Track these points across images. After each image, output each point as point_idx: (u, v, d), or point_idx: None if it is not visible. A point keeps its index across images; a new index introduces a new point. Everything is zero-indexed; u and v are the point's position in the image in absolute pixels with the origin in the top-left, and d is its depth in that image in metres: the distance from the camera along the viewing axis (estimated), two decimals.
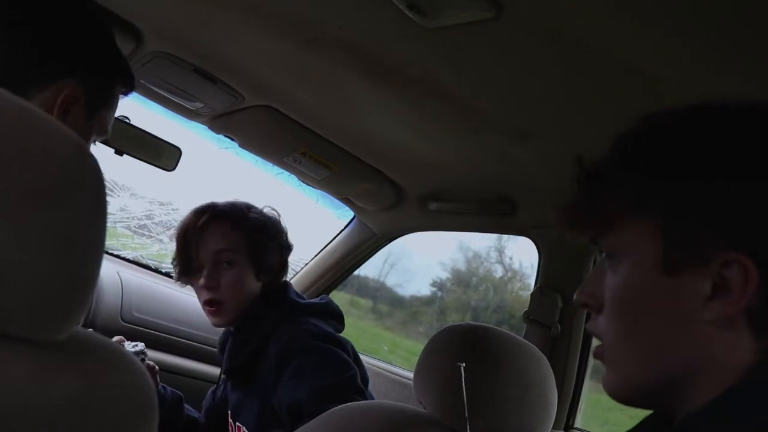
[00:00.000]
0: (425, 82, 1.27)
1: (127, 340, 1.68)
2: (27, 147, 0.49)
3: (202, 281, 1.59)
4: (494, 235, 4.02)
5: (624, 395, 0.69)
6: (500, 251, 4.20)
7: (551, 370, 1.23)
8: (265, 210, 1.72)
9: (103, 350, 0.58)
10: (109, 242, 2.48)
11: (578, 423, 1.94)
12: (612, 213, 0.68)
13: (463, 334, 1.15)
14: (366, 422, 1.05)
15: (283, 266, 1.72)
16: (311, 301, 1.68)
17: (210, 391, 1.84)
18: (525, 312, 1.88)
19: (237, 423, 1.59)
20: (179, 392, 1.76)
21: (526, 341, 1.25)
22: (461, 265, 4.76)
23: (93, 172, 0.53)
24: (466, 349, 1.12)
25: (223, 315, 1.61)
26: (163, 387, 1.71)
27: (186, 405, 1.77)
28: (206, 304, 1.61)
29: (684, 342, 0.62)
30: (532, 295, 1.88)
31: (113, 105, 1.11)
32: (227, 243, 1.61)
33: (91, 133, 1.05)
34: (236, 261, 1.61)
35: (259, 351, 1.55)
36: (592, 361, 1.92)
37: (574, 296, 0.74)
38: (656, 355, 0.64)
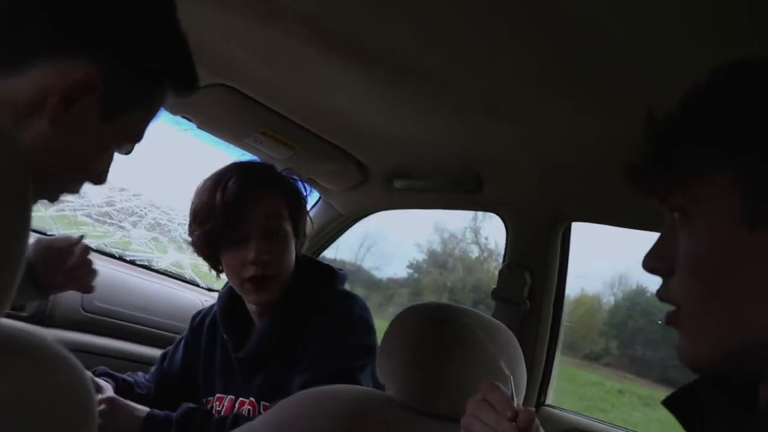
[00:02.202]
0: (388, 56, 1.23)
1: (90, 331, 1.59)
2: None
3: (251, 256, 1.40)
4: (470, 216, 4.04)
5: (703, 363, 0.65)
6: (476, 232, 4.22)
7: (520, 348, 1.21)
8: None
9: (32, 347, 0.54)
10: (70, 231, 2.41)
11: (550, 400, 1.94)
12: (688, 168, 0.65)
13: (428, 314, 1.13)
14: (328, 405, 1.02)
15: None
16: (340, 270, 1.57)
17: (167, 362, 1.66)
18: (493, 289, 1.87)
19: (263, 402, 1.44)
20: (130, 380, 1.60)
21: (494, 319, 1.23)
22: (437, 247, 4.78)
23: (11, 154, 0.49)
24: (431, 328, 1.10)
25: (272, 291, 1.44)
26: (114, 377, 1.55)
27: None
28: (252, 280, 1.43)
29: None
30: (500, 272, 1.87)
31: (152, 108, 0.85)
32: (277, 210, 1.46)
33: (110, 138, 0.82)
34: (285, 230, 1.46)
35: (305, 327, 1.43)
36: (562, 337, 1.91)
37: (643, 261, 0.70)
38: (739, 318, 0.60)
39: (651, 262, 0.69)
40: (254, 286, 1.43)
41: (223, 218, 1.40)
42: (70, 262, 1.27)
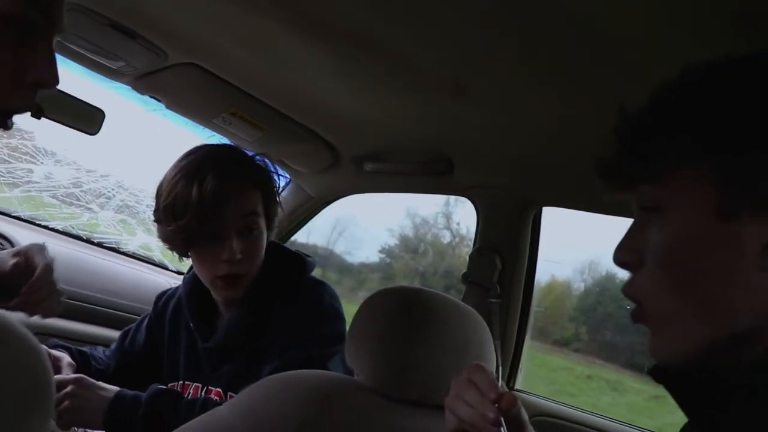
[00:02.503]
0: (358, 35, 1.21)
1: (59, 315, 1.54)
2: None
3: (226, 255, 1.35)
4: (441, 201, 4.04)
5: (676, 358, 0.65)
6: (448, 217, 4.23)
7: (489, 332, 1.21)
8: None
9: None
10: (36, 212, 2.37)
11: (519, 384, 1.95)
12: (662, 163, 0.65)
13: (397, 297, 1.12)
14: (295, 390, 1.01)
15: None
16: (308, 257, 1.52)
17: (128, 341, 1.61)
18: (463, 273, 1.87)
19: (230, 393, 1.41)
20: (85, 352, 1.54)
21: (463, 303, 1.23)
22: (409, 231, 4.78)
23: None
24: (401, 312, 1.09)
25: (241, 287, 1.40)
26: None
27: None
28: (224, 278, 1.38)
29: (741, 293, 0.59)
30: (470, 256, 1.87)
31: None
32: (253, 207, 1.40)
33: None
34: (260, 227, 1.41)
35: (273, 317, 1.39)
36: (532, 322, 1.92)
37: (613, 255, 0.70)
38: (711, 310, 0.61)
39: (622, 256, 0.69)
40: (225, 283, 1.39)
41: (198, 214, 1.33)
42: (29, 282, 1.10)
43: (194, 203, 1.32)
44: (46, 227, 2.31)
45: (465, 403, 0.86)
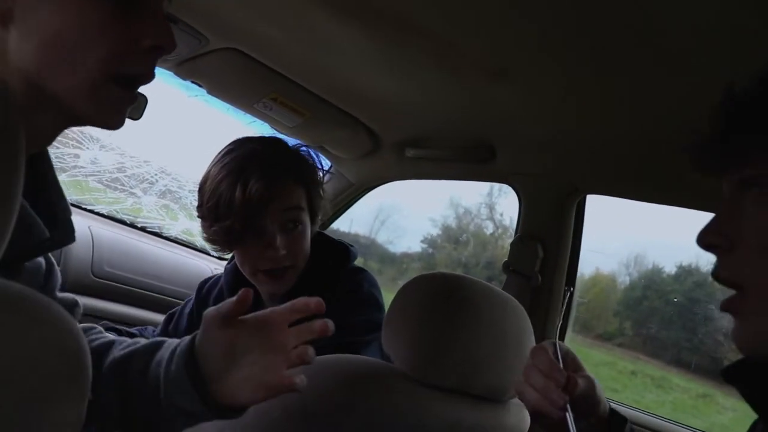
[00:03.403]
0: (400, 19, 1.19)
1: (100, 296, 1.54)
2: None
3: (269, 251, 1.34)
4: (484, 191, 4.00)
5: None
6: (491, 207, 4.19)
7: (530, 322, 1.18)
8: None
9: (18, 300, 0.51)
10: (82, 197, 2.41)
11: None
12: None
13: (436, 284, 1.10)
14: (330, 374, 1.00)
15: None
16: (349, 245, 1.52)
17: (171, 326, 1.61)
18: (504, 262, 1.83)
19: None
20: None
21: (504, 292, 1.21)
22: (452, 221, 4.75)
23: None
24: (439, 299, 1.07)
25: (288, 281, 1.38)
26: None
27: None
28: (268, 272, 1.37)
29: None
30: (512, 244, 1.84)
31: None
32: (297, 202, 1.38)
33: None
34: (304, 222, 1.39)
35: None
36: (574, 313, 1.89)
37: (698, 237, 0.67)
38: None
39: (709, 238, 0.66)
40: (269, 277, 1.38)
41: (242, 217, 1.32)
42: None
43: (238, 205, 1.32)
44: (91, 211, 2.36)
45: (531, 387, 0.86)
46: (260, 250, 1.36)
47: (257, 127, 2.00)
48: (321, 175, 1.49)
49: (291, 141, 1.50)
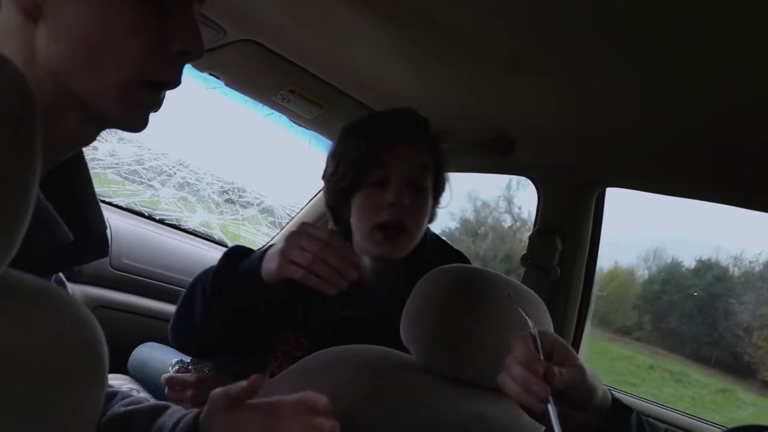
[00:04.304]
0: (418, 10, 1.18)
1: (118, 288, 1.56)
2: None
3: (390, 198, 1.31)
4: (503, 184, 3.98)
5: None
6: (509, 200, 4.16)
7: (549, 315, 1.17)
8: None
9: (38, 293, 0.52)
10: (100, 189, 2.43)
11: None
12: None
13: (455, 276, 1.09)
14: (349, 364, 1.00)
15: None
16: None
17: None
18: (523, 255, 1.82)
19: None
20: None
21: (523, 285, 1.19)
22: (470, 215, 4.72)
23: (15, 87, 0.46)
24: (457, 291, 1.06)
25: (401, 246, 1.34)
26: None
27: None
28: (385, 226, 1.32)
29: None
30: (530, 237, 1.82)
31: None
32: (423, 161, 1.38)
33: None
34: (427, 184, 1.38)
35: None
36: (594, 306, 1.87)
37: None
38: None
39: None
40: (384, 235, 1.33)
41: (369, 148, 1.33)
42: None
43: (365, 137, 1.34)
44: (110, 203, 2.37)
45: (513, 380, 0.85)
46: (380, 199, 1.33)
47: (274, 120, 2.00)
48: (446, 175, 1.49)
49: None
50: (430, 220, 1.45)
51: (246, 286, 1.17)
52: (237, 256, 1.25)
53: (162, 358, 1.88)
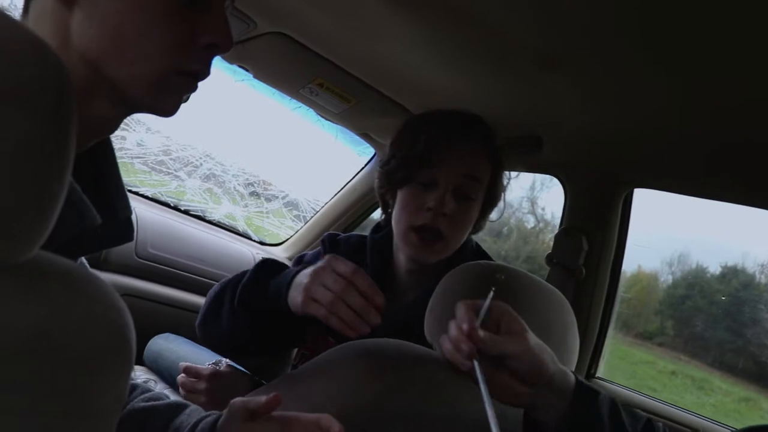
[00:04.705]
0: (449, 6, 1.17)
1: (143, 277, 1.58)
2: None
3: (432, 203, 1.29)
4: (527, 185, 3.95)
5: None
6: (533, 201, 4.14)
7: (574, 315, 1.16)
8: None
9: (68, 275, 0.52)
10: (127, 179, 2.45)
11: (601, 372, 1.88)
12: None
13: (479, 273, 1.09)
14: (373, 359, 1.00)
15: None
16: None
17: None
18: (548, 254, 1.81)
19: None
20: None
21: (548, 284, 1.19)
22: (493, 215, 4.72)
23: (55, 72, 0.46)
24: (482, 288, 1.05)
25: (435, 252, 1.32)
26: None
27: None
28: (421, 230, 1.31)
29: None
30: (556, 236, 1.81)
31: None
32: (477, 171, 1.34)
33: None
34: (474, 198, 1.34)
35: None
36: (617, 308, 1.85)
37: None
38: None
39: None
40: (419, 238, 1.31)
41: (425, 146, 1.31)
42: None
43: (425, 134, 1.32)
44: (136, 193, 2.39)
45: (446, 338, 0.91)
46: (422, 199, 1.31)
47: (302, 113, 2.01)
48: (507, 182, 1.46)
49: None
50: (475, 231, 1.43)
51: (273, 309, 1.17)
52: (267, 272, 1.24)
53: (176, 349, 1.90)
